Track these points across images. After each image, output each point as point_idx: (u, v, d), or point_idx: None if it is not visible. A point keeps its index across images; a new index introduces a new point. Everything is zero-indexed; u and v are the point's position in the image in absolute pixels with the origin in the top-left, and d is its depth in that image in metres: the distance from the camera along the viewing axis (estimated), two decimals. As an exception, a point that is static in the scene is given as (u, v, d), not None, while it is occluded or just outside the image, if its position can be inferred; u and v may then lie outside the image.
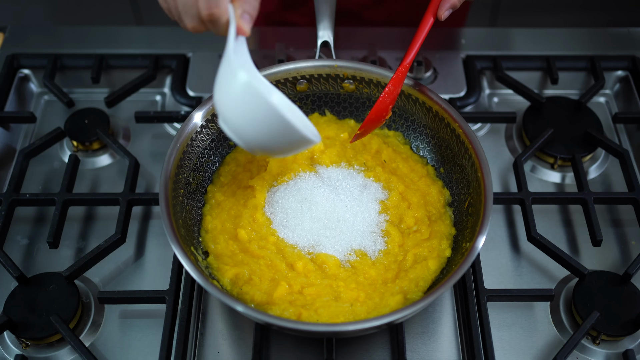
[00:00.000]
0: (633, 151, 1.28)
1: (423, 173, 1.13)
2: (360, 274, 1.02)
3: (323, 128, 1.17)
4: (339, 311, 0.96)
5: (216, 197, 1.10)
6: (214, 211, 1.08)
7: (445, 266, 1.03)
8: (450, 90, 1.33)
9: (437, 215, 1.08)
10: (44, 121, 1.33)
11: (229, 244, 1.04)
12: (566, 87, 1.38)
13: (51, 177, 1.24)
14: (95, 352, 1.02)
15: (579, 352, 1.03)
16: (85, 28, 1.46)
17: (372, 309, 0.97)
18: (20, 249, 1.14)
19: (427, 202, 1.10)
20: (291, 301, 0.98)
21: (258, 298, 0.98)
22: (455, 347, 1.04)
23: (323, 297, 0.98)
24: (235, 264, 1.02)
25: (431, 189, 1.11)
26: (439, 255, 1.03)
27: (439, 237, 1.05)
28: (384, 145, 1.16)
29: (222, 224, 1.06)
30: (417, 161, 1.15)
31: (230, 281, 1.00)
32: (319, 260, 1.02)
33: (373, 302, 0.98)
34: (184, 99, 1.32)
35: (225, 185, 1.11)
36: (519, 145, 1.28)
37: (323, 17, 1.17)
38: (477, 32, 1.46)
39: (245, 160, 1.14)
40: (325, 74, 1.15)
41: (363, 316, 0.96)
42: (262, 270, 1.01)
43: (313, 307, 0.97)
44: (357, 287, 1.00)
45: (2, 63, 1.35)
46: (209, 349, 1.03)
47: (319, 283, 1.00)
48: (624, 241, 1.16)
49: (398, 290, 0.99)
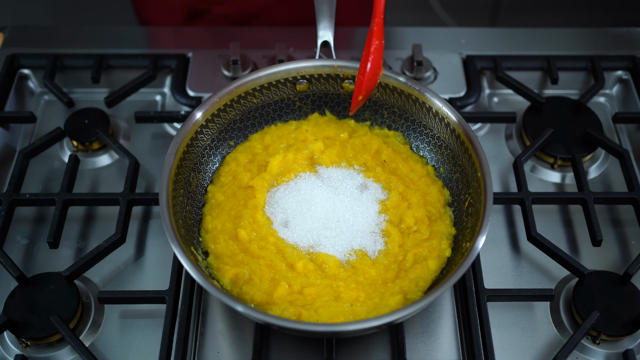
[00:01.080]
0: (633, 151, 1.28)
1: (423, 173, 1.13)
2: (360, 274, 1.02)
3: (323, 128, 1.17)
4: (339, 311, 0.96)
5: (216, 197, 1.10)
6: (214, 211, 1.08)
7: (445, 266, 1.03)
8: (450, 90, 1.33)
9: (437, 215, 1.08)
10: (44, 121, 1.33)
11: (229, 244, 1.04)
12: (566, 87, 1.38)
13: (51, 177, 1.24)
14: (95, 352, 1.02)
15: (579, 352, 1.03)
16: (85, 28, 1.46)
17: (372, 309, 0.97)
18: (20, 249, 1.14)
19: (427, 202, 1.10)
20: (291, 301, 0.98)
21: (258, 298, 0.98)
22: (455, 347, 1.04)
23: (323, 297, 0.98)
24: (236, 264, 1.02)
25: (431, 188, 1.11)
26: (439, 255, 1.03)
27: (439, 237, 1.05)
28: (384, 145, 1.16)
29: (222, 224, 1.06)
30: (417, 161, 1.15)
31: (230, 281, 1.00)
32: (319, 260, 1.02)
33: (373, 302, 0.98)
34: (184, 99, 1.32)
35: (225, 186, 1.11)
36: (519, 145, 1.28)
37: (323, 17, 1.17)
38: (477, 32, 1.46)
39: (245, 160, 1.14)
40: (325, 74, 1.15)
41: (363, 316, 0.96)
42: (262, 271, 1.01)
43: (313, 307, 0.97)
44: (357, 287, 1.00)
45: (2, 63, 1.35)
46: (209, 349, 1.03)
47: (319, 283, 1.00)
48: (624, 241, 1.16)
49: (398, 290, 0.99)
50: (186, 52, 1.39)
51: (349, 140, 1.16)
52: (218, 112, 1.11)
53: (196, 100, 1.32)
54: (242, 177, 1.11)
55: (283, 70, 1.13)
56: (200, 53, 1.39)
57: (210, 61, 1.36)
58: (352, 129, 1.18)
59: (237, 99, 1.13)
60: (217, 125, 1.12)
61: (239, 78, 1.12)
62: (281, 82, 1.15)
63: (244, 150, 1.15)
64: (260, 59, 1.37)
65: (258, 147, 1.15)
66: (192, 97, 1.32)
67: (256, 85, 1.13)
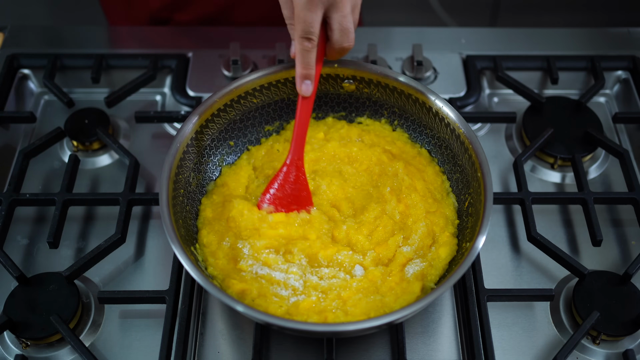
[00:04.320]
0: (633, 151, 1.28)
1: (414, 153, 1.15)
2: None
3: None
4: (370, 307, 0.96)
5: (206, 212, 1.08)
6: (207, 226, 1.06)
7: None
8: (450, 90, 1.33)
9: (439, 196, 1.10)
10: (44, 121, 1.33)
11: (229, 262, 1.02)
12: (566, 87, 1.38)
13: (51, 177, 1.24)
14: (95, 352, 1.02)
15: (579, 352, 1.03)
16: (85, 28, 1.46)
17: (400, 295, 0.98)
18: (20, 249, 1.14)
19: (426, 181, 1.11)
20: (318, 312, 0.96)
21: (272, 311, 0.96)
22: (455, 347, 1.04)
23: (353, 297, 0.98)
24: (242, 279, 1.00)
25: (427, 169, 1.13)
26: (448, 238, 1.04)
27: (444, 218, 1.07)
28: (364, 132, 1.17)
29: (218, 242, 1.04)
30: (406, 142, 1.16)
31: (237, 295, 0.98)
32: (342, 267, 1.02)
33: (400, 287, 0.99)
34: (184, 99, 1.32)
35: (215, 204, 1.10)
36: (519, 145, 1.28)
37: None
38: (477, 32, 1.46)
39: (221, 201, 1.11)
40: (325, 74, 1.15)
41: (393, 305, 0.97)
42: (272, 289, 0.99)
43: (343, 309, 0.96)
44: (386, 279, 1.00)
45: (2, 63, 1.35)
46: (209, 349, 1.03)
47: (348, 287, 0.99)
48: (624, 241, 1.16)
49: (419, 277, 1.00)
50: (186, 52, 1.39)
51: (326, 142, 1.16)
52: (218, 112, 1.11)
53: (196, 100, 1.32)
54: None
55: (283, 70, 1.13)
56: (200, 53, 1.39)
57: (210, 61, 1.36)
58: (329, 126, 1.18)
59: (237, 99, 1.13)
60: (217, 125, 1.12)
61: (239, 78, 1.12)
62: (281, 82, 1.14)
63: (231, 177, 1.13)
64: (260, 59, 1.37)
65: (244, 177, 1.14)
66: (192, 97, 1.32)
67: (256, 85, 1.13)
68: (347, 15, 0.98)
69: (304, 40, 0.98)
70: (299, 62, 1.01)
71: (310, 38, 0.98)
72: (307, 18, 0.96)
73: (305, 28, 0.97)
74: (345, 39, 1.00)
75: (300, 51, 1.00)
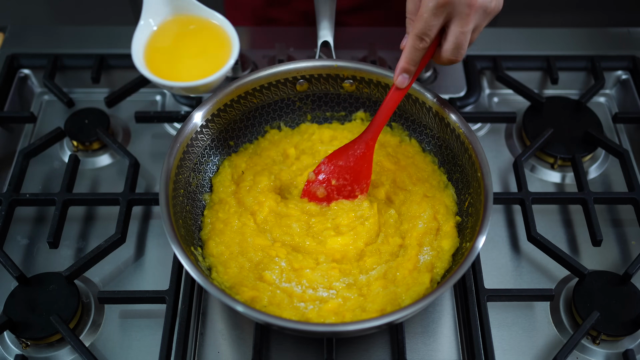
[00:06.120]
0: (633, 151, 1.28)
1: (404, 143, 1.17)
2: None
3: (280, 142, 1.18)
4: (386, 300, 0.96)
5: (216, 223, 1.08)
6: (218, 237, 1.06)
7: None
8: (450, 90, 1.34)
9: (437, 187, 1.11)
10: (44, 121, 1.33)
11: (241, 271, 1.02)
12: (566, 87, 1.38)
13: (51, 177, 1.24)
14: (95, 352, 1.02)
15: (579, 352, 1.03)
16: (85, 28, 1.46)
17: (411, 287, 0.99)
18: (20, 249, 1.14)
19: (417, 168, 1.13)
20: (336, 313, 0.97)
21: (287, 316, 0.96)
22: (455, 347, 1.04)
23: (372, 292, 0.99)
24: (253, 287, 0.99)
25: (416, 158, 1.15)
26: (451, 229, 1.04)
27: (445, 207, 1.08)
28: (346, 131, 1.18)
29: (229, 251, 1.04)
30: (395, 135, 1.18)
31: (246, 302, 0.97)
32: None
33: (412, 277, 1.00)
34: (184, 99, 1.32)
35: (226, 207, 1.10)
36: (519, 145, 1.28)
37: (323, 17, 1.17)
38: (477, 32, 1.46)
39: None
40: (325, 74, 1.15)
41: (404, 296, 0.98)
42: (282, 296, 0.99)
43: (365, 303, 0.97)
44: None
45: (2, 63, 1.35)
46: (209, 349, 1.03)
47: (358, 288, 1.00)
48: (624, 241, 1.16)
49: (428, 267, 1.01)
50: (186, 52, 1.39)
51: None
52: (218, 112, 1.11)
53: (196, 100, 1.32)
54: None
55: (283, 70, 1.13)
56: (200, 53, 1.39)
57: (210, 61, 1.36)
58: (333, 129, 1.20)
59: (237, 99, 1.13)
60: (217, 125, 1.12)
61: (239, 78, 1.12)
62: (281, 82, 1.14)
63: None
64: (260, 59, 1.37)
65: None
66: (192, 97, 1.32)
67: (256, 85, 1.13)
68: (466, 32, 0.97)
69: (418, 39, 0.98)
70: (405, 57, 1.00)
71: (425, 40, 0.97)
72: (430, 21, 0.95)
73: (423, 29, 0.96)
74: (456, 52, 0.99)
75: (411, 47, 0.99)
